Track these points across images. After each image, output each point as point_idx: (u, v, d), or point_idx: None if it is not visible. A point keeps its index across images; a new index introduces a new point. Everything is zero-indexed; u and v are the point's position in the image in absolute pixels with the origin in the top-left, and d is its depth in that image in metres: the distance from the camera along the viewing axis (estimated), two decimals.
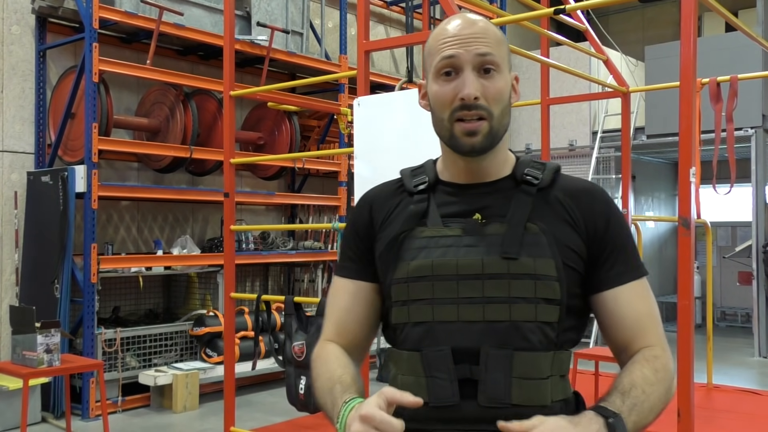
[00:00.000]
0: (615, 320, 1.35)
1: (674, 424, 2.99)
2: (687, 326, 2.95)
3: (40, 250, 5.74)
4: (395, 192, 1.44)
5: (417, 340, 1.31)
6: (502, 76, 1.33)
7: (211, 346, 6.18)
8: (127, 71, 5.89)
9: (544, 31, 4.89)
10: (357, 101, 3.67)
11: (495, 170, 1.38)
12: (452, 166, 1.40)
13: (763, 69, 7.79)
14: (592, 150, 8.95)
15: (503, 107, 1.33)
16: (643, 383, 1.27)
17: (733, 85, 4.90)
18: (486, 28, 1.34)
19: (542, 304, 1.28)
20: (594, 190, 1.39)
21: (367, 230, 1.43)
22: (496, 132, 1.33)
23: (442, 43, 1.33)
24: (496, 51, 1.32)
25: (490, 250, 1.30)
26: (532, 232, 1.30)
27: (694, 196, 3.06)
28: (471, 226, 1.33)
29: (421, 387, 1.29)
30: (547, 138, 5.28)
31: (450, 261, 1.30)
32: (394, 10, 9.07)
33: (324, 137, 7.84)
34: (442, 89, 1.32)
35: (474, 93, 1.29)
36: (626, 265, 1.36)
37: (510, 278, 1.28)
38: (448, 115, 1.32)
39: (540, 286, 1.28)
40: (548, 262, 1.29)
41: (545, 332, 1.28)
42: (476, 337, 1.28)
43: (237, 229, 4.75)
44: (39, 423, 5.35)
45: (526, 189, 1.35)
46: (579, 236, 1.33)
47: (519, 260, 1.28)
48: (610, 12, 11.81)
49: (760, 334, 8.12)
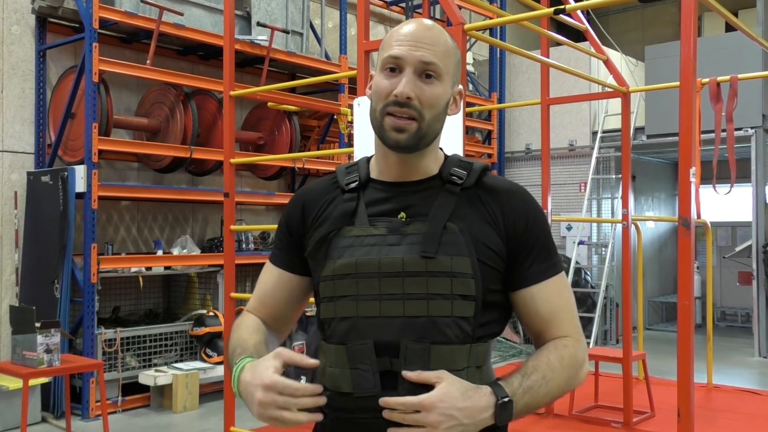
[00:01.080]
0: (532, 314, 1.43)
1: (674, 424, 2.99)
2: (687, 326, 2.95)
3: (40, 250, 5.74)
4: (329, 188, 1.50)
5: (343, 334, 1.38)
6: (441, 85, 1.39)
7: (211, 346, 6.18)
8: (127, 71, 5.89)
9: (544, 31, 4.89)
10: (357, 101, 3.67)
11: (423, 169, 1.43)
12: (383, 162, 1.45)
13: (763, 69, 7.79)
14: (592, 150, 8.95)
15: (436, 113, 1.39)
16: (546, 369, 1.36)
17: (733, 85, 4.90)
18: (437, 37, 1.40)
19: (458, 300, 1.34)
20: (515, 190, 1.45)
21: (298, 227, 1.50)
22: (425, 134, 1.38)
23: (394, 41, 1.39)
24: (440, 61, 1.38)
25: (410, 249, 1.36)
26: (451, 231, 1.37)
27: (694, 196, 3.06)
28: (395, 225, 1.39)
29: (346, 378, 1.36)
30: (547, 138, 5.28)
31: (373, 259, 1.37)
32: (394, 10, 9.07)
33: (324, 137, 7.84)
34: (383, 83, 1.39)
35: (407, 93, 1.35)
36: (544, 263, 1.42)
37: (428, 276, 1.35)
38: (380, 108, 1.38)
39: (456, 283, 1.34)
40: (464, 261, 1.35)
41: (461, 327, 1.34)
42: (397, 331, 1.34)
43: (237, 229, 4.75)
44: (39, 423, 5.35)
45: (450, 188, 1.41)
46: (498, 235, 1.39)
47: (436, 259, 1.35)
48: (610, 12, 11.82)
49: (760, 334, 8.12)
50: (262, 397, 1.27)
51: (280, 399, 1.27)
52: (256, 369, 1.31)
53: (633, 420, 4.92)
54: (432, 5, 8.39)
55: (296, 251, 1.51)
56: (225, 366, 4.45)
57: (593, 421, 5.06)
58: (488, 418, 1.28)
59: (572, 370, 1.39)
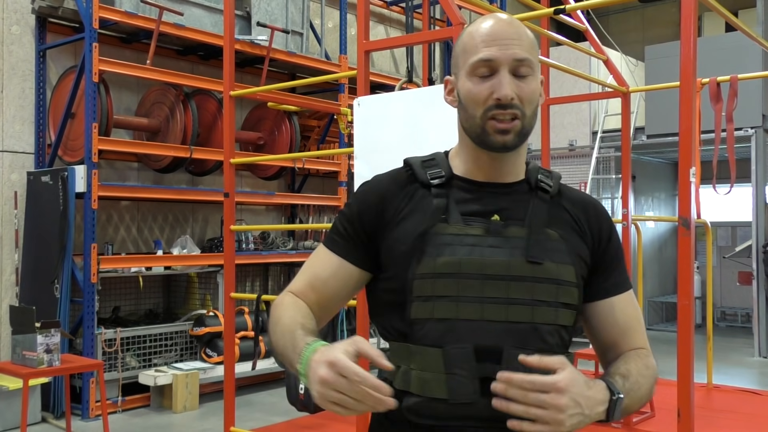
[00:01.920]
0: (609, 324, 1.43)
1: (674, 424, 2.99)
2: (687, 326, 2.95)
3: (40, 250, 5.74)
4: (406, 182, 1.43)
5: (438, 336, 1.31)
6: (534, 78, 1.38)
7: (211, 346, 6.18)
8: (127, 71, 5.89)
9: (544, 31, 4.89)
10: (357, 101, 3.67)
11: (514, 172, 1.42)
12: (473, 162, 1.41)
13: (763, 69, 7.79)
14: (592, 150, 8.95)
15: (534, 108, 1.38)
16: (638, 375, 1.35)
17: (733, 85, 4.90)
18: (521, 31, 1.38)
19: (562, 309, 1.33)
20: (597, 203, 1.47)
21: (374, 218, 1.42)
22: (527, 131, 1.38)
23: (480, 43, 1.36)
24: (530, 55, 1.37)
25: (513, 252, 1.33)
26: (553, 238, 1.36)
27: (694, 196, 3.06)
28: (494, 227, 1.36)
29: (440, 383, 1.30)
30: (547, 138, 5.28)
31: (476, 260, 1.32)
32: (394, 10, 9.07)
33: (324, 137, 7.84)
34: (477, 88, 1.35)
35: (510, 94, 1.33)
36: (621, 276, 1.45)
37: (534, 281, 1.32)
38: (481, 113, 1.35)
39: (561, 291, 1.33)
40: (569, 269, 1.35)
41: (561, 335, 1.34)
42: (498, 336, 1.30)
43: (237, 229, 4.75)
44: (39, 423, 5.35)
45: (541, 195, 1.40)
46: (587, 247, 1.40)
47: (543, 265, 1.33)
48: (610, 12, 11.82)
49: (760, 334, 8.12)
50: (325, 374, 1.16)
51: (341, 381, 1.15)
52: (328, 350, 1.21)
53: (633, 420, 4.92)
54: (432, 5, 8.38)
55: (362, 243, 1.42)
56: (227, 367, 4.44)
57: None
58: (602, 413, 1.25)
59: (653, 380, 1.40)
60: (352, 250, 1.44)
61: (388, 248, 1.39)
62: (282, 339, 1.36)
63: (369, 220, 1.42)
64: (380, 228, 1.41)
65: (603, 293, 1.42)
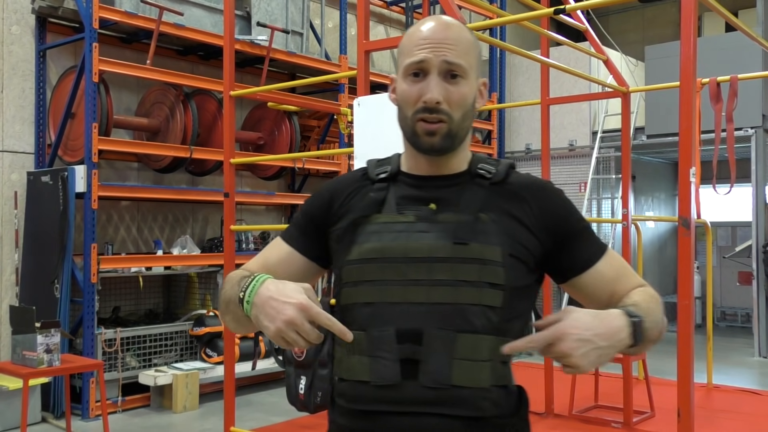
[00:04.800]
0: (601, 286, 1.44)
1: (674, 424, 2.99)
2: (687, 326, 2.95)
3: (40, 250, 5.74)
4: (358, 179, 1.50)
5: (364, 320, 1.34)
6: (467, 82, 1.39)
7: (211, 346, 6.18)
8: (127, 71, 5.89)
9: (544, 31, 4.89)
10: (357, 101, 3.67)
11: (453, 166, 1.44)
12: (412, 160, 1.46)
13: (763, 69, 7.79)
14: (592, 150, 8.95)
15: (465, 112, 1.39)
16: (646, 302, 1.37)
17: (733, 85, 4.90)
18: (459, 34, 1.39)
19: (486, 288, 1.32)
20: (546, 186, 1.46)
21: (322, 213, 1.48)
22: (455, 134, 1.39)
23: (414, 45, 1.39)
24: (464, 59, 1.38)
25: (440, 236, 1.35)
26: (483, 221, 1.37)
27: (694, 196, 3.06)
28: (424, 214, 1.39)
29: (364, 367, 1.33)
30: (547, 138, 5.28)
31: (400, 244, 1.36)
32: (394, 10, 9.07)
33: (324, 137, 7.84)
34: (409, 89, 1.38)
35: (436, 98, 1.35)
36: (594, 245, 1.45)
37: (457, 262, 1.33)
38: (411, 114, 1.38)
39: (485, 271, 1.32)
40: (495, 249, 1.34)
41: (488, 316, 1.32)
42: (420, 318, 1.32)
43: (237, 229, 4.75)
44: (39, 423, 5.35)
45: (479, 182, 1.42)
46: (529, 230, 1.39)
47: (469, 245, 1.34)
48: (610, 12, 11.82)
49: (760, 334, 8.12)
50: (295, 316, 1.21)
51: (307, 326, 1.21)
52: (285, 287, 1.26)
53: (633, 420, 4.92)
54: (432, 5, 8.38)
55: (312, 236, 1.49)
56: (227, 367, 4.45)
57: (593, 421, 5.06)
58: (626, 338, 1.26)
59: (661, 306, 1.40)
60: (303, 241, 1.50)
61: (331, 241, 1.47)
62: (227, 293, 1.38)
63: (319, 215, 1.49)
64: (328, 223, 1.48)
65: (583, 265, 1.42)
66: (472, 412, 1.30)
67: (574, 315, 1.23)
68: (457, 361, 1.30)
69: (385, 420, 1.32)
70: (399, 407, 1.31)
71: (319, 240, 1.49)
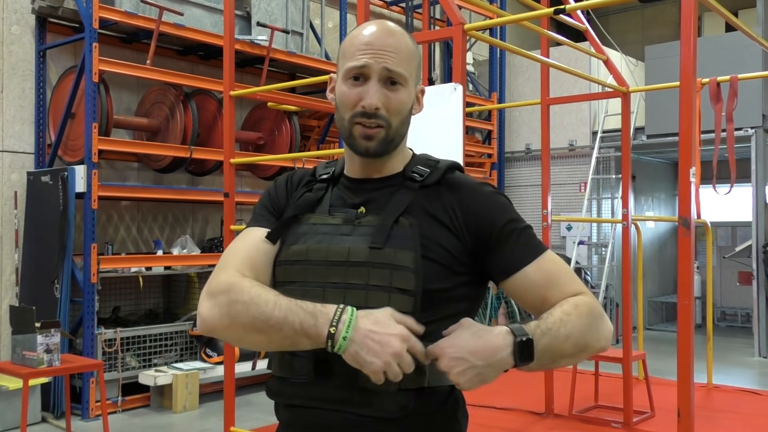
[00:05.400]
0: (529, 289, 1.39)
1: (674, 424, 2.99)
2: (687, 326, 2.96)
3: (40, 250, 5.74)
4: (309, 179, 1.53)
5: None
6: (406, 90, 1.41)
7: (211, 346, 6.18)
8: (127, 71, 5.89)
9: (544, 31, 4.89)
10: None
11: (387, 169, 1.46)
12: (349, 162, 1.49)
13: (763, 69, 7.79)
14: (592, 150, 8.95)
15: (402, 118, 1.42)
16: (561, 314, 1.32)
17: (733, 85, 4.90)
18: (401, 42, 1.41)
19: (396, 294, 1.33)
20: (478, 187, 1.44)
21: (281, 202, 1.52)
22: (392, 139, 1.41)
23: (356, 49, 1.40)
24: (404, 68, 1.40)
25: (359, 240, 1.38)
26: (401, 225, 1.37)
27: (694, 196, 3.06)
28: (349, 216, 1.42)
29: (285, 363, 1.39)
30: (547, 138, 5.28)
31: (322, 248, 1.39)
32: (394, 10, 9.07)
33: (324, 137, 7.84)
34: (349, 92, 1.40)
35: (375, 104, 1.37)
36: (526, 246, 1.40)
37: (370, 267, 1.35)
38: (349, 117, 1.40)
39: (395, 276, 1.33)
40: (407, 254, 1.34)
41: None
42: None
43: (237, 229, 4.74)
44: (39, 423, 5.35)
45: (408, 185, 1.43)
46: (452, 232, 1.38)
47: (382, 250, 1.35)
48: (610, 12, 11.82)
49: (760, 334, 8.12)
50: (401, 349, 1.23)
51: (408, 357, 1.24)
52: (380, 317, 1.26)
53: (633, 420, 4.92)
54: (432, 5, 8.39)
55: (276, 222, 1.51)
56: (227, 367, 4.44)
57: (593, 421, 5.06)
58: (506, 358, 1.24)
59: (590, 317, 1.34)
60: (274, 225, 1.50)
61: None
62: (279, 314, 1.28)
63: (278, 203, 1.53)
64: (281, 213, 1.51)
65: (510, 269, 1.39)
66: (379, 413, 1.32)
67: (457, 332, 1.26)
68: None
69: (305, 413, 1.38)
70: (315, 403, 1.36)
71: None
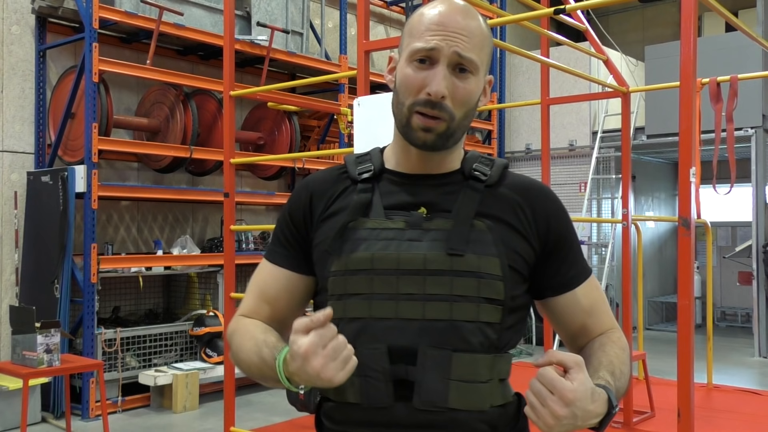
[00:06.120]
0: (573, 314, 1.35)
1: (674, 424, 2.99)
2: (687, 326, 2.95)
3: (40, 250, 5.74)
4: (338, 179, 1.37)
5: (352, 336, 1.20)
6: (475, 79, 1.27)
7: (211, 346, 6.18)
8: (127, 71, 5.89)
9: (544, 31, 4.89)
10: (357, 101, 3.67)
11: (446, 164, 1.33)
12: (402, 154, 1.34)
13: (763, 69, 7.79)
14: (592, 150, 8.95)
15: (467, 110, 1.28)
16: (619, 364, 1.27)
17: (733, 85, 4.90)
18: (475, 26, 1.27)
19: (484, 304, 1.23)
20: (543, 188, 1.35)
21: (305, 219, 1.36)
22: (453, 133, 1.28)
23: (425, 28, 1.25)
24: (477, 54, 1.26)
25: (433, 246, 1.24)
26: (479, 229, 1.26)
27: (694, 196, 3.06)
28: (415, 220, 1.28)
29: (353, 387, 1.23)
30: (547, 138, 5.28)
31: (391, 255, 1.25)
32: (394, 10, 9.07)
33: (324, 137, 7.84)
34: (413, 75, 1.26)
35: (442, 91, 1.23)
36: (579, 265, 1.35)
37: (453, 275, 1.23)
38: (409, 103, 1.26)
39: (483, 285, 1.23)
40: (493, 261, 1.24)
41: (486, 333, 1.23)
42: (414, 335, 1.22)
43: (237, 229, 4.75)
44: (39, 423, 5.35)
45: (473, 185, 1.30)
46: (525, 237, 1.29)
47: (464, 257, 1.23)
48: (610, 12, 11.81)
49: (760, 334, 8.12)
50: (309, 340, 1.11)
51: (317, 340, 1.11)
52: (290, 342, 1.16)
53: (633, 420, 4.92)
54: None
55: (301, 248, 1.36)
56: (227, 367, 4.44)
57: None
58: (594, 424, 1.16)
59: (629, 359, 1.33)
60: (292, 257, 1.37)
61: (315, 248, 1.34)
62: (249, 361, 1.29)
63: (301, 221, 1.37)
64: (310, 229, 1.36)
65: (563, 286, 1.33)
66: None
67: (583, 385, 1.11)
68: (453, 383, 1.21)
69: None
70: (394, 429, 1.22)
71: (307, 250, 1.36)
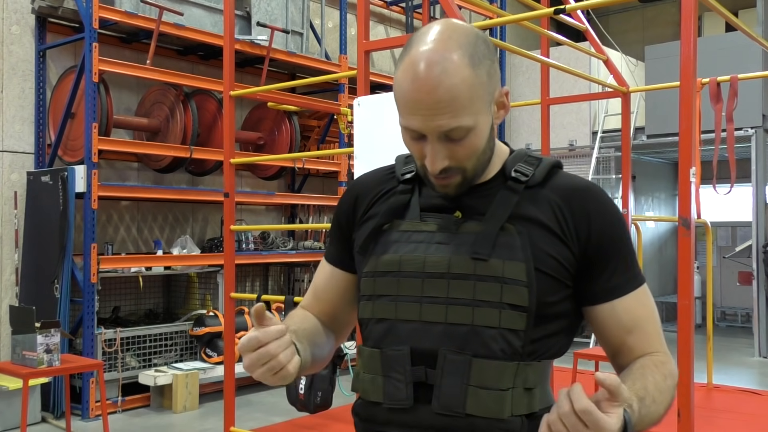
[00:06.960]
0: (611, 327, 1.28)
1: (674, 424, 2.99)
2: (687, 326, 2.95)
3: (40, 250, 5.74)
4: (384, 178, 1.38)
5: (379, 337, 1.26)
6: (474, 133, 1.20)
7: (211, 346, 6.18)
8: (127, 71, 5.89)
9: (544, 31, 4.89)
10: (357, 101, 3.67)
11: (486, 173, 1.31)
12: None
13: (763, 69, 7.79)
14: (592, 150, 8.95)
15: (479, 155, 1.24)
16: (655, 391, 1.19)
17: (733, 85, 4.90)
18: (453, 85, 1.15)
19: (507, 310, 1.19)
20: (590, 189, 1.28)
21: (348, 218, 1.39)
22: (472, 177, 1.26)
23: (403, 105, 1.20)
24: (465, 115, 1.17)
25: (459, 249, 1.23)
26: (508, 233, 1.23)
27: (694, 196, 3.06)
28: (446, 223, 1.27)
29: (377, 386, 1.25)
30: (547, 138, 5.28)
31: (418, 257, 1.25)
32: (394, 10, 9.07)
33: (324, 137, 7.84)
34: (411, 144, 1.24)
35: (440, 166, 1.21)
36: (625, 275, 1.27)
37: (475, 280, 1.21)
38: (419, 166, 1.27)
39: (506, 291, 1.20)
40: (518, 266, 1.20)
41: (509, 340, 1.20)
42: (436, 338, 1.22)
43: (237, 229, 4.75)
44: (39, 423, 5.35)
45: (512, 186, 1.27)
46: (563, 241, 1.24)
47: (488, 262, 1.21)
48: (610, 12, 11.81)
49: (760, 334, 8.12)
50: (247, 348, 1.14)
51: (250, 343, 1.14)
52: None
53: None
54: (432, 5, 8.38)
55: (346, 244, 1.39)
56: (227, 367, 4.44)
57: None
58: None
59: (674, 390, 1.24)
60: (340, 255, 1.42)
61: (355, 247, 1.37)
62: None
63: (345, 222, 1.40)
64: (353, 229, 1.38)
65: (602, 296, 1.26)
66: None
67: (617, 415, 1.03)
68: (472, 389, 1.19)
69: None
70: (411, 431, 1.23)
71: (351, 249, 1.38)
